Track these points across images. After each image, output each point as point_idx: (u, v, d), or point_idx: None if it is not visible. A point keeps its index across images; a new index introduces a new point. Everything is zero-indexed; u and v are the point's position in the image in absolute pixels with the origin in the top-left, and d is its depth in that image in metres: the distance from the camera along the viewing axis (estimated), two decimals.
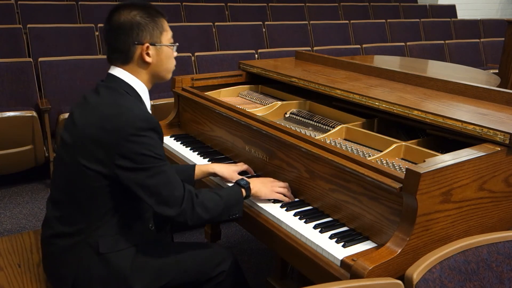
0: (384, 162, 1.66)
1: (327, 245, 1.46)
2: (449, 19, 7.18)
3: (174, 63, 1.69)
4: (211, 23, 5.16)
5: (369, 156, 1.72)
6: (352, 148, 1.81)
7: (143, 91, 1.63)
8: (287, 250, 1.57)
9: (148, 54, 1.59)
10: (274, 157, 1.84)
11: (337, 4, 7.05)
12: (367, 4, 7.39)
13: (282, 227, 1.61)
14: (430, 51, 5.69)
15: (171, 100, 2.83)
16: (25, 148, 3.38)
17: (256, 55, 4.57)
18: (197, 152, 2.17)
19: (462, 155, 1.44)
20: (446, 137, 1.75)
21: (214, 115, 2.18)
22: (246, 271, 2.65)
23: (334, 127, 1.99)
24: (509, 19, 4.16)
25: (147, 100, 1.65)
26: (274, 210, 1.68)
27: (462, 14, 8.28)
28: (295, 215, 1.64)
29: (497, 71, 4.31)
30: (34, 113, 3.28)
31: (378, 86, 2.15)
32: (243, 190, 1.68)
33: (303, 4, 6.69)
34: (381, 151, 1.72)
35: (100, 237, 1.55)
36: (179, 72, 4.05)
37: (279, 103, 2.24)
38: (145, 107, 1.62)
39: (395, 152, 1.72)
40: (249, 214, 1.73)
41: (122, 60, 1.60)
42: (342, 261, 1.39)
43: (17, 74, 3.65)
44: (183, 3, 5.84)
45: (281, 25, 5.63)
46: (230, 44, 5.11)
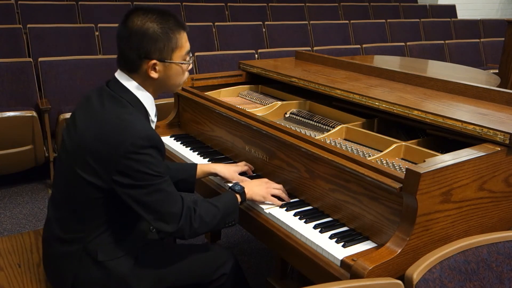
0: (384, 162, 1.66)
1: (327, 245, 1.46)
2: (449, 19, 7.18)
3: (184, 78, 1.62)
4: (211, 23, 5.16)
5: (369, 156, 1.72)
6: (352, 148, 1.81)
7: (149, 101, 1.58)
8: (287, 250, 1.57)
9: (155, 69, 1.52)
10: (274, 157, 1.84)
11: (337, 4, 7.05)
12: (367, 4, 7.40)
13: (282, 227, 1.61)
14: (430, 51, 5.69)
15: (171, 100, 2.83)
16: (25, 148, 3.38)
17: (256, 55, 4.57)
18: (197, 152, 2.17)
19: (462, 155, 1.44)
20: (446, 137, 1.75)
21: (214, 115, 2.18)
22: (246, 271, 2.66)
23: (334, 127, 1.99)
24: (509, 19, 4.16)
25: (152, 110, 1.60)
26: (274, 210, 1.68)
27: (462, 14, 8.28)
28: (295, 215, 1.64)
29: (497, 71, 4.31)
30: (34, 113, 3.28)
31: (378, 86, 2.15)
32: (238, 196, 1.67)
33: (303, 4, 6.69)
34: (381, 151, 1.72)
35: (98, 245, 1.54)
36: None
37: (279, 103, 2.24)
38: (148, 123, 1.56)
39: (395, 152, 1.72)
40: (249, 214, 1.73)
41: (128, 69, 1.54)
42: (342, 261, 1.39)
43: (17, 74, 3.65)
44: (183, 3, 5.84)
45: (281, 25, 5.63)
46: (230, 44, 5.11)
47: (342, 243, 1.46)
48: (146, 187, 1.44)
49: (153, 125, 1.63)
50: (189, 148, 2.22)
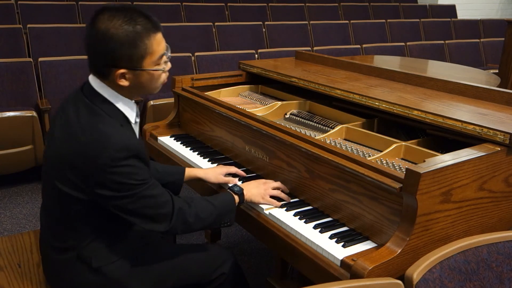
0: (384, 162, 1.66)
1: (327, 245, 1.46)
2: (449, 19, 7.18)
3: (161, 80, 1.50)
4: (211, 23, 5.15)
5: (369, 156, 1.72)
6: (352, 148, 1.81)
7: (126, 106, 1.48)
8: (287, 250, 1.57)
9: (124, 77, 1.41)
10: (274, 157, 1.84)
11: (337, 4, 7.05)
12: (367, 4, 7.39)
13: (282, 227, 1.61)
14: (430, 51, 5.69)
15: (171, 100, 2.83)
16: (25, 148, 3.38)
17: (256, 55, 4.57)
18: (197, 152, 2.17)
19: (462, 155, 1.44)
20: (446, 137, 1.75)
21: (214, 115, 2.18)
22: (246, 271, 2.65)
23: (334, 127, 1.99)
24: (509, 19, 4.16)
25: (131, 114, 1.51)
26: (274, 210, 1.68)
27: (462, 14, 8.28)
28: (295, 215, 1.64)
29: (497, 71, 4.31)
30: (34, 113, 3.29)
31: (378, 86, 2.15)
32: (236, 197, 1.66)
33: (303, 4, 6.69)
34: (381, 151, 1.72)
35: (92, 252, 1.51)
36: (179, 72, 4.05)
37: (279, 103, 2.24)
38: (126, 131, 1.46)
39: (395, 152, 1.72)
40: (249, 214, 1.73)
41: (98, 75, 1.45)
42: (342, 261, 1.39)
43: (17, 74, 3.65)
44: (183, 3, 5.84)
45: (281, 25, 5.63)
46: (230, 44, 5.11)
47: (342, 243, 1.46)
48: (130, 196, 1.41)
49: (136, 127, 1.56)
50: (189, 148, 2.22)
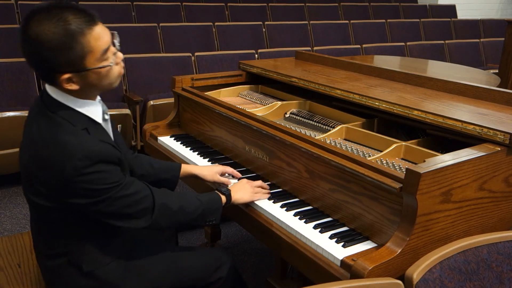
0: (384, 162, 1.66)
1: (327, 245, 1.46)
2: (449, 19, 7.18)
3: (115, 75, 1.39)
4: (211, 23, 5.15)
5: (369, 156, 1.72)
6: (352, 148, 1.81)
7: (87, 107, 1.39)
8: (287, 250, 1.57)
9: (71, 81, 1.32)
10: (274, 157, 1.84)
11: (337, 4, 7.05)
12: (367, 4, 7.40)
13: (282, 227, 1.61)
14: (430, 51, 5.69)
15: (171, 100, 2.83)
16: None
17: (256, 55, 4.57)
18: (197, 152, 2.17)
19: (462, 155, 1.44)
20: (446, 137, 1.75)
21: (214, 115, 2.18)
22: (246, 271, 2.66)
23: (334, 127, 1.99)
24: (509, 19, 4.16)
25: (96, 114, 1.42)
26: (274, 210, 1.68)
27: (462, 14, 8.28)
28: (295, 215, 1.64)
29: (497, 71, 4.31)
30: None
31: (378, 86, 2.15)
32: (224, 198, 1.66)
33: (303, 4, 6.69)
34: (381, 151, 1.72)
35: (82, 256, 1.48)
36: (179, 72, 4.05)
37: (279, 103, 2.24)
38: (96, 132, 1.39)
39: (395, 152, 1.72)
40: (249, 214, 1.73)
41: (49, 82, 1.36)
42: (342, 261, 1.39)
43: (17, 74, 3.65)
44: (183, 3, 5.84)
45: (281, 25, 5.63)
46: (230, 44, 5.11)
47: (342, 243, 1.46)
48: (105, 200, 1.36)
49: (107, 123, 1.50)
50: (189, 148, 2.22)
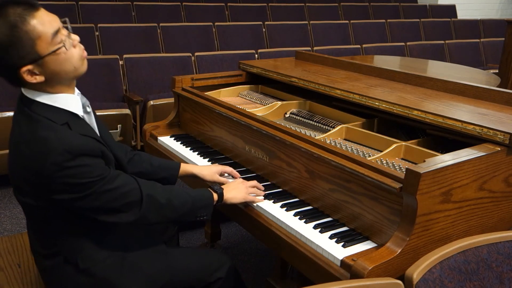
0: (384, 162, 1.66)
1: (327, 245, 1.46)
2: (449, 19, 7.18)
3: (75, 56, 1.36)
4: (211, 23, 5.16)
5: (369, 156, 1.72)
6: (352, 148, 1.81)
7: (63, 101, 1.39)
8: (287, 250, 1.57)
9: (35, 73, 1.30)
10: (274, 157, 1.84)
11: (337, 4, 7.05)
12: (367, 4, 7.40)
13: (282, 227, 1.61)
14: (430, 51, 5.69)
15: (171, 100, 2.83)
16: None
17: (256, 55, 4.57)
18: (197, 152, 2.17)
19: (462, 155, 1.44)
20: (446, 137, 1.75)
21: (214, 115, 2.18)
22: (246, 271, 2.66)
23: (334, 127, 1.99)
24: (509, 19, 4.16)
25: (76, 106, 1.41)
26: (274, 210, 1.68)
27: (462, 14, 8.28)
28: (295, 215, 1.64)
29: (497, 71, 4.31)
30: None
31: (378, 86, 2.15)
32: (215, 195, 1.65)
33: (303, 4, 6.70)
34: (381, 151, 1.72)
35: (77, 253, 1.48)
36: (179, 72, 4.05)
37: (279, 103, 2.24)
38: (77, 126, 1.38)
39: (395, 152, 1.72)
40: (249, 214, 1.73)
41: (18, 85, 1.36)
42: (342, 261, 1.39)
43: None
44: (183, 3, 5.84)
45: (281, 25, 5.63)
46: (230, 44, 5.11)
47: (342, 243, 1.46)
48: (90, 195, 1.36)
49: (90, 116, 1.50)
50: (189, 148, 2.22)
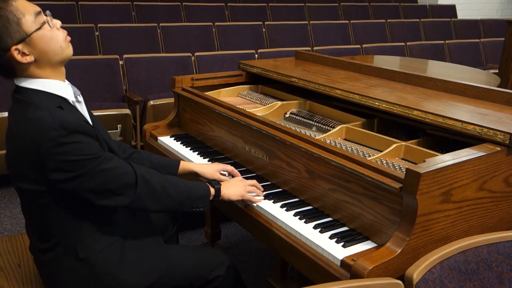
0: (384, 162, 1.66)
1: (327, 245, 1.46)
2: (449, 19, 7.18)
3: (60, 36, 1.44)
4: (211, 23, 5.16)
5: (369, 156, 1.72)
6: (352, 148, 1.81)
7: (54, 86, 1.45)
8: (287, 250, 1.57)
9: (24, 54, 1.38)
10: (274, 157, 1.84)
11: (337, 4, 7.05)
12: (367, 4, 7.40)
13: (282, 227, 1.61)
14: (430, 51, 5.69)
15: (171, 100, 2.83)
16: None
17: (256, 55, 4.57)
18: (197, 152, 2.17)
19: (462, 155, 1.44)
20: (446, 137, 1.75)
21: (214, 115, 2.18)
22: (246, 271, 2.66)
23: (334, 127, 1.99)
24: (509, 19, 4.16)
25: (65, 92, 1.47)
26: (274, 210, 1.68)
27: (462, 14, 8.28)
28: (295, 215, 1.64)
29: (497, 71, 4.31)
30: None
31: (378, 86, 2.15)
32: (212, 190, 1.66)
33: (303, 4, 6.70)
34: (381, 151, 1.72)
35: (76, 243, 1.49)
36: (179, 72, 4.05)
37: (279, 103, 2.24)
38: (62, 110, 1.41)
39: (395, 152, 1.72)
40: (249, 214, 1.73)
41: (10, 73, 1.43)
42: (342, 261, 1.39)
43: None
44: (183, 3, 5.84)
45: (281, 25, 5.63)
46: (230, 44, 5.11)
47: (342, 243, 1.46)
48: (86, 174, 1.38)
49: (81, 106, 1.53)
50: (189, 148, 2.22)
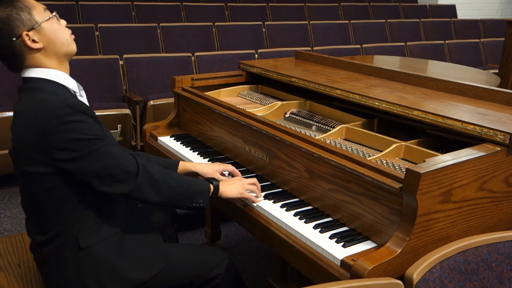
0: (384, 162, 1.66)
1: (327, 245, 1.46)
2: (449, 19, 7.18)
3: (66, 32, 1.56)
4: (211, 23, 5.16)
5: (369, 156, 1.72)
6: (352, 148, 1.81)
7: (60, 76, 1.53)
8: (287, 250, 1.57)
9: (34, 41, 1.48)
10: (274, 157, 1.84)
11: (337, 4, 7.05)
12: (367, 4, 7.40)
13: (282, 227, 1.61)
14: (430, 51, 5.69)
15: (171, 100, 2.83)
16: None
17: (256, 55, 4.57)
18: (197, 152, 2.17)
19: (462, 155, 1.44)
20: (446, 137, 1.75)
21: (214, 115, 2.18)
22: (246, 271, 2.66)
23: (334, 127, 1.99)
24: (509, 19, 4.16)
25: (70, 83, 1.56)
26: (274, 210, 1.68)
27: (462, 14, 8.28)
28: (295, 215, 1.64)
29: (497, 71, 4.31)
30: None
31: (378, 86, 2.15)
32: (211, 186, 1.67)
33: (303, 4, 6.70)
34: (381, 151, 1.72)
35: (78, 232, 1.52)
36: (179, 72, 4.05)
37: (279, 103, 2.24)
38: (68, 93, 1.52)
39: (395, 152, 1.72)
40: (249, 214, 1.73)
41: (19, 62, 1.51)
42: (342, 261, 1.39)
43: (17, 74, 3.64)
44: (183, 3, 5.84)
45: (281, 25, 5.63)
46: (230, 44, 5.11)
47: (342, 243, 1.46)
48: (89, 155, 1.42)
49: (84, 100, 1.59)
50: (189, 148, 2.22)
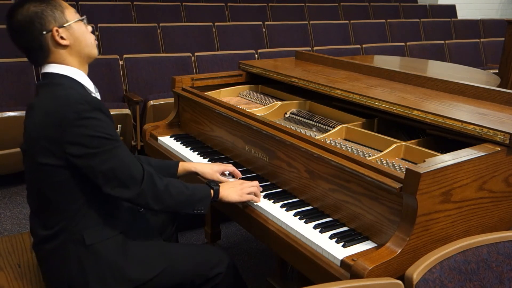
0: (384, 162, 1.66)
1: (327, 245, 1.46)
2: (449, 19, 7.18)
3: (92, 36, 1.64)
4: (211, 23, 5.16)
5: (369, 156, 1.72)
6: (352, 148, 1.81)
7: (80, 76, 1.59)
8: (287, 250, 1.57)
9: (62, 37, 1.54)
10: (274, 157, 1.84)
11: (337, 4, 7.05)
12: (367, 4, 7.40)
13: (282, 227, 1.61)
14: (430, 51, 5.69)
15: (171, 100, 2.83)
16: None
17: (256, 55, 4.57)
18: (197, 152, 2.17)
19: (462, 155, 1.44)
20: (446, 137, 1.75)
21: (214, 115, 2.18)
22: (246, 271, 2.66)
23: (334, 127, 1.99)
24: (509, 19, 4.16)
25: (88, 83, 1.61)
26: (274, 210, 1.68)
27: (462, 14, 8.28)
28: (295, 215, 1.64)
29: (497, 71, 4.31)
30: None
31: (378, 86, 2.15)
32: (211, 191, 1.68)
33: (303, 4, 6.70)
34: (381, 151, 1.72)
35: (83, 230, 1.53)
36: (179, 72, 4.05)
37: (279, 103, 2.24)
38: (86, 91, 1.57)
39: (395, 152, 1.72)
40: (248, 214, 1.73)
41: (43, 56, 1.56)
42: (342, 261, 1.39)
43: (17, 74, 3.65)
44: (183, 3, 5.84)
45: (281, 25, 5.63)
46: (230, 44, 5.11)
47: (342, 243, 1.46)
48: (100, 154, 1.45)
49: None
50: (189, 148, 2.22)
